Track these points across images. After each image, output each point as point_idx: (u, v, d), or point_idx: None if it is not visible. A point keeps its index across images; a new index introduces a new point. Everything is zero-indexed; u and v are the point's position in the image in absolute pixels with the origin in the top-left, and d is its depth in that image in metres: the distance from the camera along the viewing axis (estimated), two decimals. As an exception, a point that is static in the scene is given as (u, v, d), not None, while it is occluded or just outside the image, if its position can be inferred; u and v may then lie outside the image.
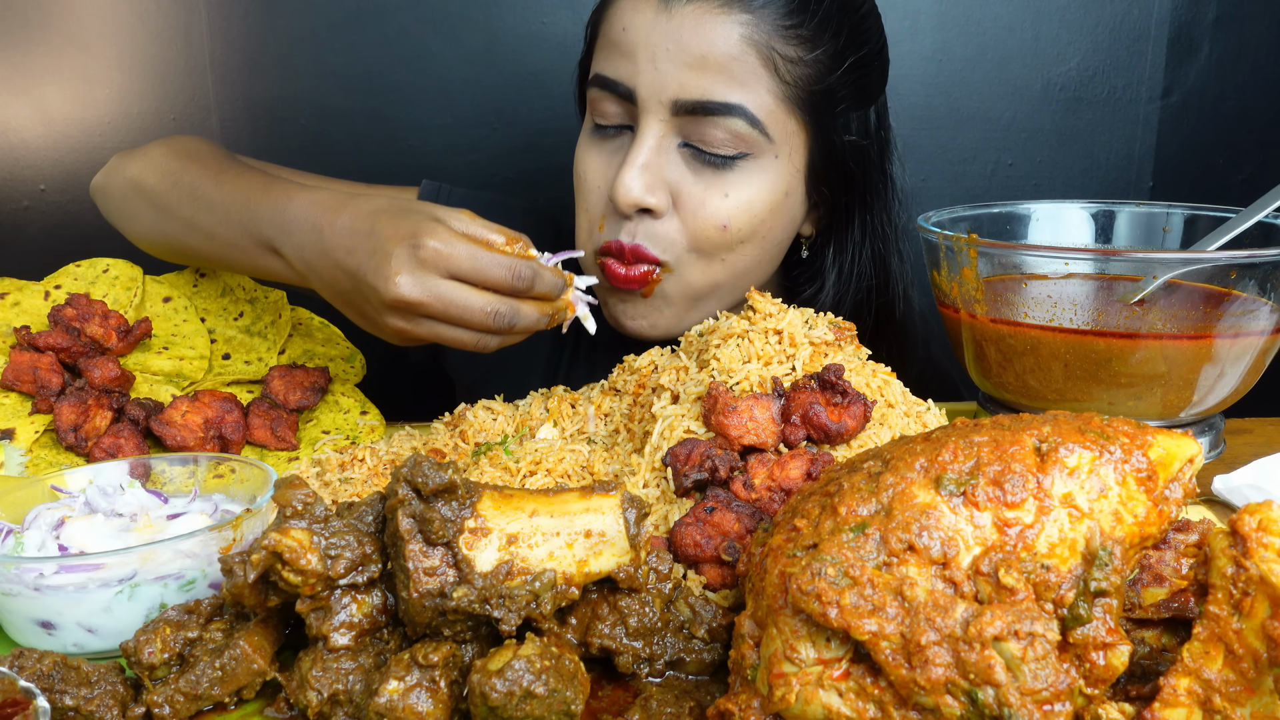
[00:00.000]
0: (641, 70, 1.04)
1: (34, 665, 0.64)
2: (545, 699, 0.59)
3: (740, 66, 1.03)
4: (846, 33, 1.10)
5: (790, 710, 0.57)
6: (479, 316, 0.92)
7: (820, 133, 1.11)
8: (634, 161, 1.05)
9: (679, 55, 1.03)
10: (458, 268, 0.91)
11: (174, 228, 1.13)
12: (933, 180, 1.96)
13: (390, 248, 0.90)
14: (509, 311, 0.93)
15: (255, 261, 1.06)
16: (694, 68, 1.03)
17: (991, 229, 1.20)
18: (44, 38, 1.75)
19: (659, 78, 1.04)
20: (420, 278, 0.90)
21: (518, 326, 0.95)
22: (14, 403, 1.02)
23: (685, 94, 1.03)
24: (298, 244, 0.99)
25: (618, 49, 1.07)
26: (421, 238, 0.90)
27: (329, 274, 0.97)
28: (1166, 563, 0.60)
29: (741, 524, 0.74)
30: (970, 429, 0.62)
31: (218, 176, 1.10)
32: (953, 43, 1.89)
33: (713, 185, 1.07)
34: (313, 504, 0.65)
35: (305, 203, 0.99)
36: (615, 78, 1.07)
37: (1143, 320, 0.96)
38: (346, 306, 0.99)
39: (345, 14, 1.78)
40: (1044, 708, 0.53)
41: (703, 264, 1.12)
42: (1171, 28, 1.91)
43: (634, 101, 1.06)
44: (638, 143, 1.06)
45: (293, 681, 0.64)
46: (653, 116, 1.05)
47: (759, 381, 0.86)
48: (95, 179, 1.26)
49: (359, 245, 0.93)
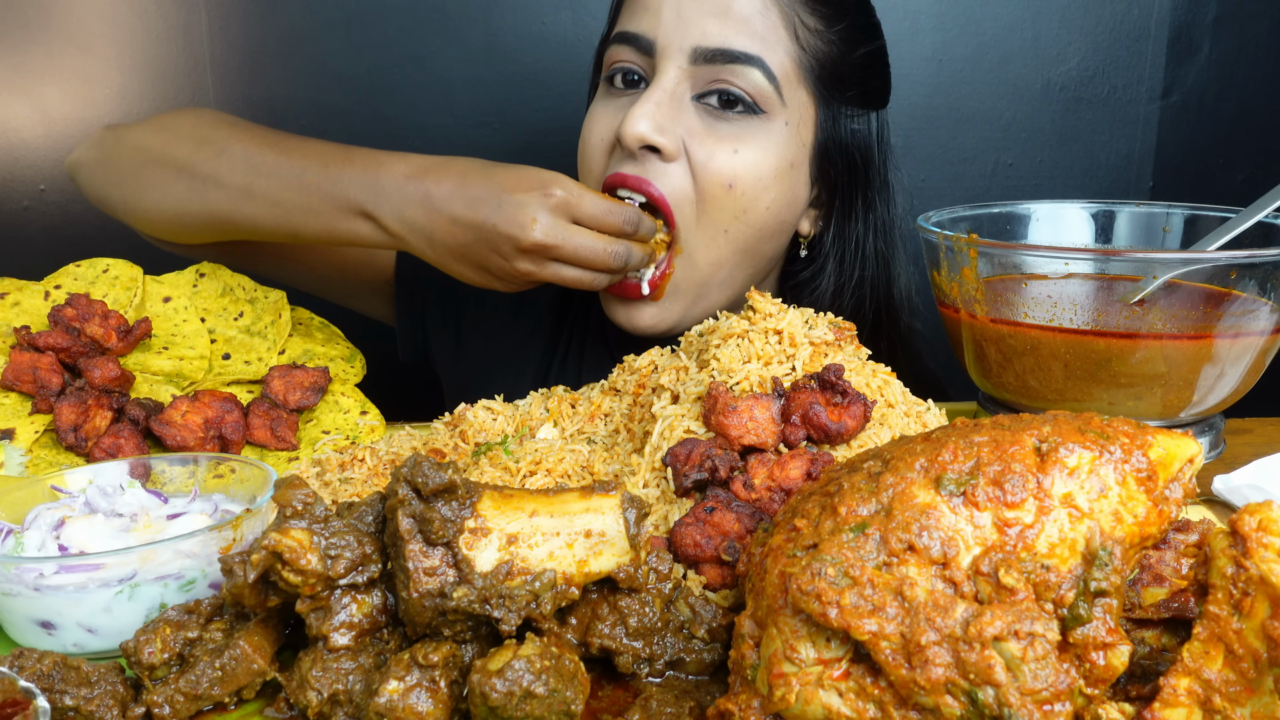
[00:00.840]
0: (664, 20, 1.07)
1: (34, 665, 0.64)
2: (545, 699, 0.59)
3: (762, 22, 1.07)
4: (862, 23, 1.16)
5: (790, 710, 0.57)
6: (603, 257, 1.01)
7: (829, 114, 1.15)
8: (648, 98, 1.07)
9: (705, 4, 1.06)
10: (583, 213, 1.00)
11: (218, 197, 1.10)
12: (933, 180, 1.96)
13: (522, 197, 0.98)
14: (625, 252, 1.03)
15: (335, 225, 1.07)
16: (718, 16, 1.06)
17: (991, 229, 1.20)
18: (44, 38, 1.75)
19: (681, 25, 1.06)
20: (555, 222, 0.98)
21: (630, 264, 1.05)
22: (14, 403, 1.02)
23: (706, 41, 1.06)
24: (397, 205, 1.03)
25: (643, 5, 1.10)
26: (550, 187, 0.98)
27: (443, 230, 1.01)
28: (1166, 563, 0.60)
29: (741, 524, 0.74)
30: (970, 429, 0.62)
31: (277, 144, 1.11)
32: (953, 43, 1.89)
33: (723, 139, 1.09)
34: (313, 504, 0.65)
35: (400, 167, 1.04)
36: (638, 31, 1.09)
37: (1143, 320, 0.96)
38: (460, 260, 1.03)
39: (345, 14, 1.78)
40: (1044, 708, 0.53)
41: (707, 235, 1.12)
42: (1171, 28, 1.91)
43: (653, 54, 1.09)
44: (653, 85, 1.08)
45: (293, 681, 0.64)
46: (671, 63, 1.08)
47: (759, 381, 0.86)
48: (80, 154, 1.22)
49: (484, 197, 0.99)
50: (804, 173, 1.16)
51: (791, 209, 1.17)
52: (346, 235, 1.08)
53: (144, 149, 1.16)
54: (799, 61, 1.10)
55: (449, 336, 1.41)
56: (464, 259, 1.03)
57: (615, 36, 1.12)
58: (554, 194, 0.98)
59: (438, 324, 1.41)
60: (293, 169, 1.08)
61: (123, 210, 1.19)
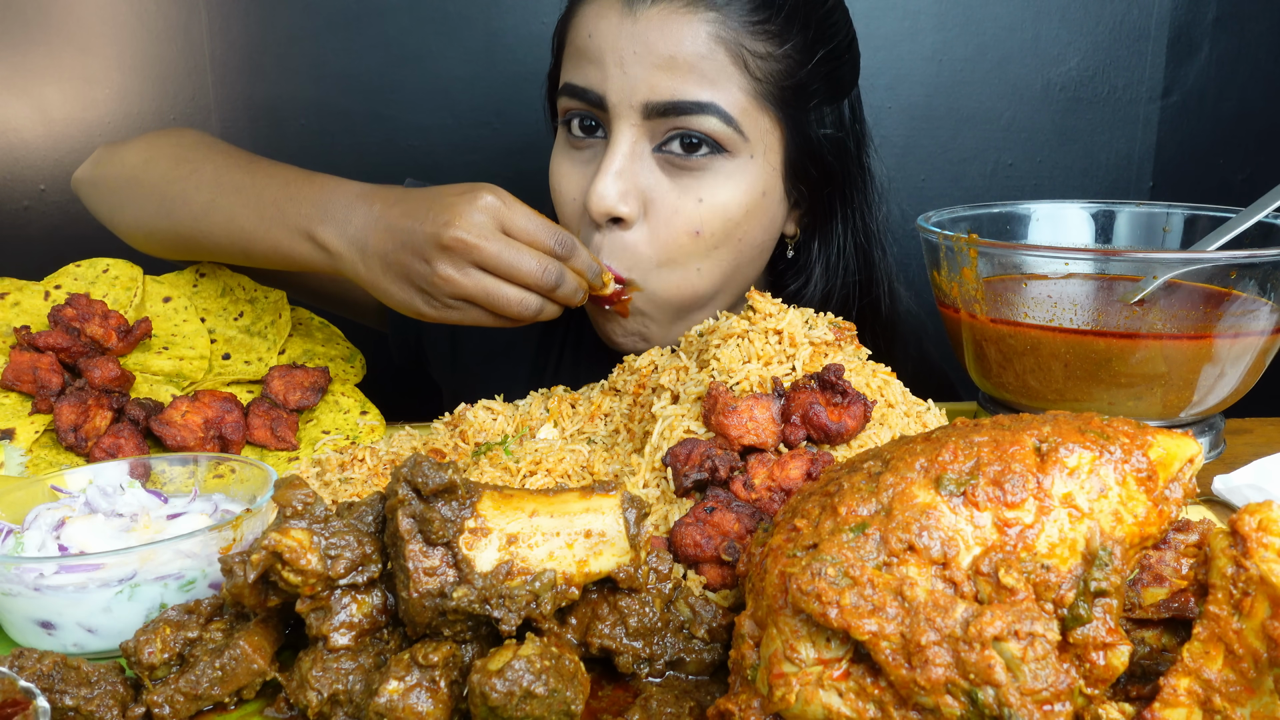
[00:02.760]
0: (610, 76, 1.04)
1: (34, 665, 0.64)
2: (545, 699, 0.59)
3: (710, 65, 1.03)
4: (815, 26, 1.09)
5: (790, 710, 0.57)
6: (530, 269, 0.96)
7: (795, 128, 1.10)
8: (608, 169, 1.04)
9: (647, 57, 1.02)
10: (514, 225, 0.96)
11: (183, 214, 1.11)
12: (933, 180, 1.96)
13: (452, 199, 0.96)
14: (556, 271, 0.98)
15: (280, 244, 1.05)
16: (663, 69, 1.02)
17: (991, 229, 1.20)
18: (44, 38, 1.75)
19: (628, 82, 1.03)
20: (478, 222, 0.95)
21: (561, 290, 0.99)
22: (14, 403, 1.02)
23: (656, 96, 1.03)
24: (341, 220, 1.01)
25: (585, 56, 1.06)
26: (479, 192, 0.96)
27: (376, 240, 0.99)
28: (1166, 563, 0.60)
29: (741, 524, 0.74)
30: (970, 429, 0.62)
31: (248, 165, 1.11)
32: (953, 43, 1.89)
33: (687, 190, 1.07)
34: (313, 504, 0.65)
35: (354, 188, 1.03)
36: (585, 85, 1.06)
37: (1143, 320, 0.96)
38: (387, 271, 0.99)
39: (345, 14, 1.78)
40: (1044, 708, 0.53)
41: (675, 276, 1.10)
42: (1171, 28, 1.91)
43: (605, 108, 1.05)
44: (611, 150, 1.05)
45: (293, 681, 0.64)
46: (625, 122, 1.05)
47: (759, 381, 0.86)
48: (80, 172, 1.24)
49: (418, 207, 0.97)
50: (777, 194, 1.13)
51: (769, 231, 1.15)
52: (289, 254, 1.05)
53: (128, 166, 1.17)
54: (755, 93, 1.06)
55: (443, 341, 1.41)
56: (390, 268, 0.99)
57: (565, 89, 1.09)
58: (484, 199, 0.96)
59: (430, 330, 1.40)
60: (255, 187, 1.08)
61: (110, 226, 1.22)
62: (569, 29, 1.10)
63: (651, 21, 1.02)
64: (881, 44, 1.86)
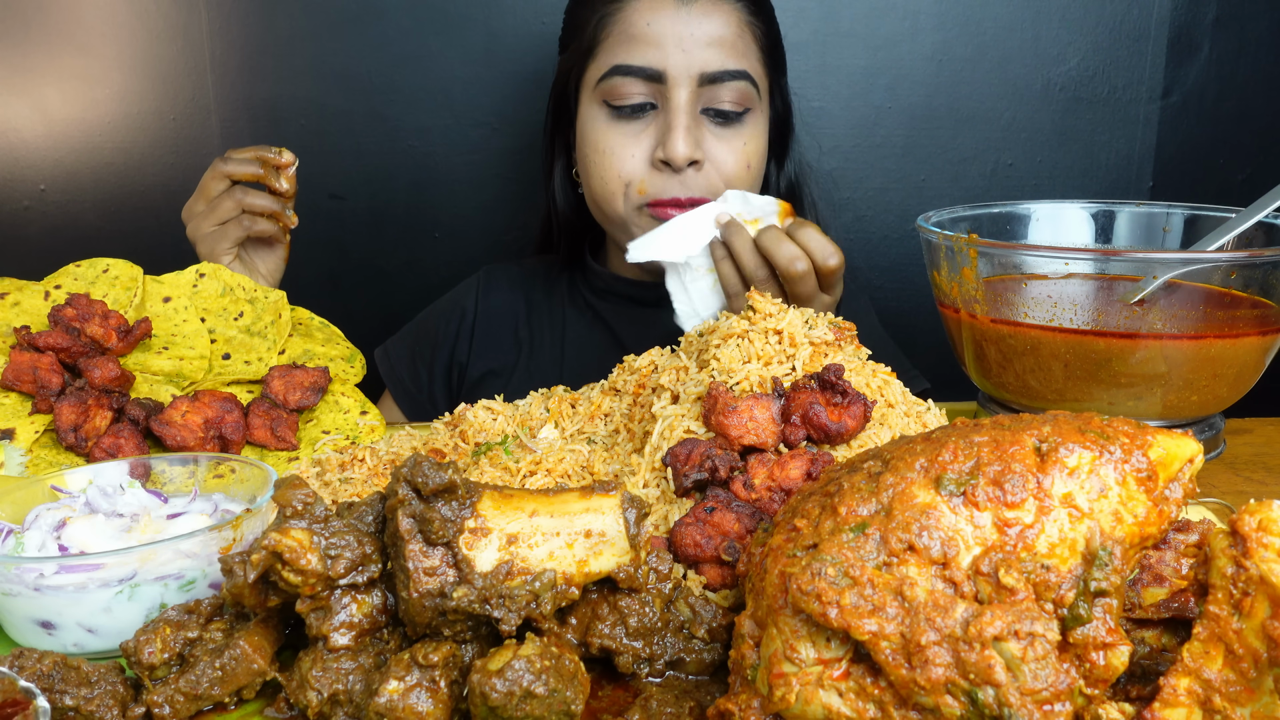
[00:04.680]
0: (670, 54, 1.32)
1: (34, 665, 0.64)
2: (545, 699, 0.59)
3: (740, 42, 1.36)
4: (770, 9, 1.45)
5: (790, 710, 0.57)
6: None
7: (776, 90, 1.47)
8: (680, 125, 1.32)
9: (701, 38, 1.33)
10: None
11: None
12: (933, 180, 1.96)
13: None
14: None
15: None
16: (711, 46, 1.33)
17: (991, 229, 1.20)
18: (44, 38, 1.75)
19: (687, 58, 1.32)
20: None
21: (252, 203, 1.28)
22: (14, 403, 1.02)
23: (708, 67, 1.33)
24: None
25: (644, 41, 1.33)
26: None
27: None
28: (1166, 563, 0.60)
29: (741, 524, 0.74)
30: (970, 429, 0.62)
31: None
32: (953, 43, 1.89)
33: (733, 138, 1.37)
34: (313, 504, 0.65)
35: None
36: (644, 64, 1.33)
37: (1143, 320, 0.96)
38: None
39: (345, 14, 1.78)
40: (1044, 708, 0.53)
41: None
42: (1171, 28, 1.91)
43: (663, 81, 1.33)
44: (678, 112, 1.32)
45: (293, 681, 0.64)
46: (684, 90, 1.33)
47: (759, 381, 0.86)
48: None
49: None
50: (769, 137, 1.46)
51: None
52: None
53: None
54: (763, 61, 1.40)
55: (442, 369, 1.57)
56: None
57: (619, 69, 1.33)
58: None
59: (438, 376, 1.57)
60: None
61: None
62: (614, 23, 1.36)
63: (695, 11, 1.33)
64: (881, 44, 1.86)
